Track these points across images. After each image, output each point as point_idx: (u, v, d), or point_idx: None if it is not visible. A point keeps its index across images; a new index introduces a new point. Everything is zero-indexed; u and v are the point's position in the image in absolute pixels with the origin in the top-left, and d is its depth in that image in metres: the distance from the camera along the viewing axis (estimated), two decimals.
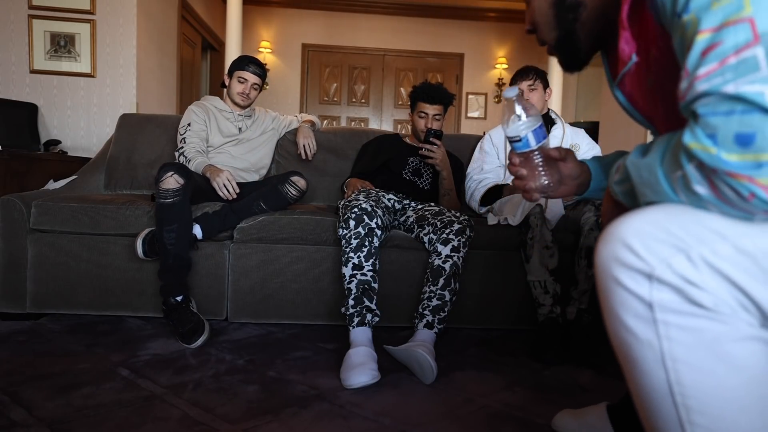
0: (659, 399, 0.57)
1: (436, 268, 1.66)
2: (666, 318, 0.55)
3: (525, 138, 0.89)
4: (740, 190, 0.50)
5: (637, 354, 0.57)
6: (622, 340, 0.59)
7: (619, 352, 0.61)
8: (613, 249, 0.58)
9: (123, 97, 3.68)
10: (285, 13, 6.27)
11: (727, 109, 0.49)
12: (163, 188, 1.70)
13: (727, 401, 0.54)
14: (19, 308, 1.87)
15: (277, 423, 1.18)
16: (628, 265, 0.57)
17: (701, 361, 0.54)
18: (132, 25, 3.65)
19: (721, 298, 0.53)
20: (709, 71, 0.51)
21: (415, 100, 2.19)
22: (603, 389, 1.46)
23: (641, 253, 0.56)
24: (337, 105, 6.44)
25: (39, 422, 1.14)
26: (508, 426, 1.21)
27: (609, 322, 0.61)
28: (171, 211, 1.71)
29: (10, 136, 3.22)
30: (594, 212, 1.81)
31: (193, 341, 1.65)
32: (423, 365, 1.44)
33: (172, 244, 1.71)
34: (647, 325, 0.56)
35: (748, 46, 0.49)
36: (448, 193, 2.15)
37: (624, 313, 0.57)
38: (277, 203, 1.99)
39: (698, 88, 0.52)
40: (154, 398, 1.28)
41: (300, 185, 2.03)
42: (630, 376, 0.60)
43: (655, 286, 0.55)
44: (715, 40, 0.51)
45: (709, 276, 0.53)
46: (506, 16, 6.32)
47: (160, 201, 1.71)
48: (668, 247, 0.55)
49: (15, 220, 1.86)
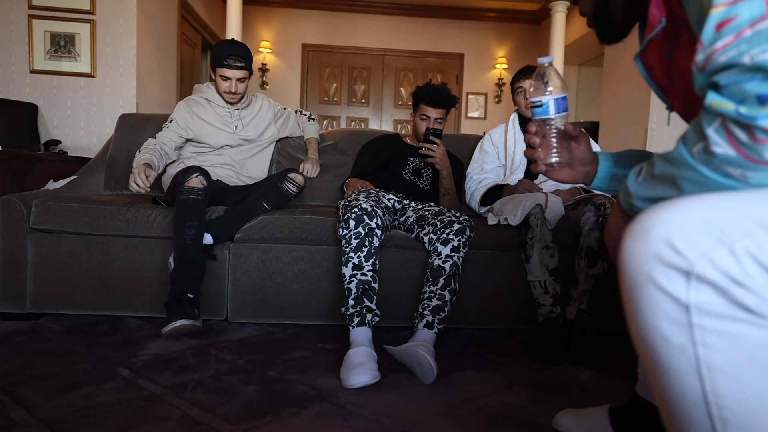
0: (692, 410, 0.52)
1: (436, 268, 1.66)
2: (703, 322, 0.50)
3: (546, 104, 0.88)
4: (757, 134, 0.52)
5: (669, 361, 0.52)
6: (651, 345, 0.54)
7: (646, 357, 0.56)
8: (646, 243, 0.53)
9: (123, 97, 3.68)
10: (285, 13, 6.27)
11: (747, 78, 0.52)
12: (188, 186, 1.75)
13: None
14: (19, 308, 1.87)
15: (277, 423, 1.18)
16: (663, 261, 0.52)
17: (741, 371, 0.49)
18: (132, 25, 3.65)
19: (767, 299, 0.48)
20: (726, 44, 0.53)
21: (418, 102, 2.19)
22: (603, 389, 1.46)
23: (680, 247, 0.51)
24: (337, 105, 6.44)
25: (39, 422, 1.14)
26: (508, 426, 1.21)
27: (635, 323, 0.56)
28: (195, 207, 1.74)
29: (10, 136, 3.22)
30: (594, 212, 1.81)
31: (170, 322, 1.59)
32: (423, 365, 1.44)
33: (191, 239, 1.72)
34: (682, 329, 0.51)
35: (763, 18, 0.51)
36: (448, 192, 2.15)
37: (655, 316, 0.52)
38: (279, 202, 1.99)
39: (718, 60, 0.54)
40: (154, 398, 1.28)
41: (298, 181, 2.03)
42: (658, 383, 0.55)
43: (693, 285, 0.50)
44: (730, 14, 0.53)
45: (755, 272, 0.49)
46: (506, 16, 6.32)
47: (184, 198, 1.73)
48: (709, 240, 0.50)
49: (15, 220, 1.86)
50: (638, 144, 4.02)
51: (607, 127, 4.56)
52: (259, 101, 2.32)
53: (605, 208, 1.80)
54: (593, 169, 0.95)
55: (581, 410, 1.16)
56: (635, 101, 4.10)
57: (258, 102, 2.31)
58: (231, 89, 2.09)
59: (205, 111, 2.17)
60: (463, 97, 6.43)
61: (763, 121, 0.51)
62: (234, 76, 2.07)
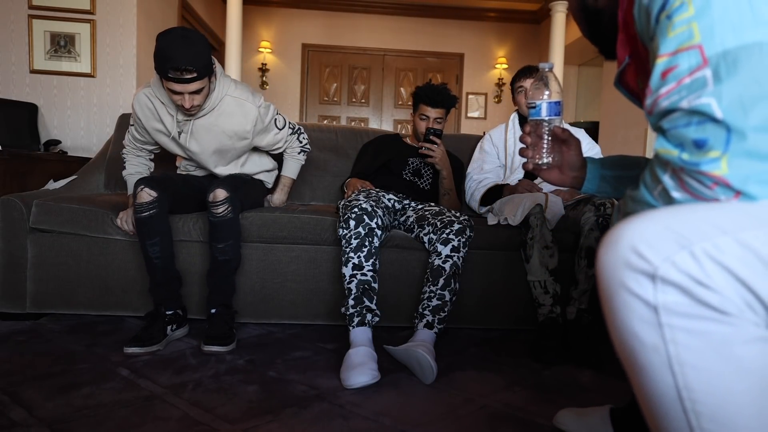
0: (668, 405, 0.56)
1: (436, 268, 1.66)
2: (671, 321, 0.54)
3: (539, 106, 0.95)
4: (704, 181, 0.59)
5: (644, 360, 0.56)
6: (627, 346, 0.58)
7: (624, 357, 0.60)
8: (616, 251, 0.57)
9: (123, 97, 3.68)
10: (285, 13, 6.27)
11: (685, 122, 0.60)
12: (137, 203, 1.66)
13: (738, 406, 0.53)
14: (19, 308, 1.87)
15: (277, 423, 1.18)
16: (631, 266, 0.56)
17: (709, 364, 0.53)
18: (132, 25, 3.65)
19: (728, 297, 0.52)
20: (669, 90, 0.61)
21: (418, 102, 2.19)
22: (603, 389, 1.46)
23: (645, 253, 0.55)
24: (337, 105, 6.44)
25: (39, 422, 1.14)
26: (508, 426, 1.21)
27: (613, 327, 0.60)
28: (150, 222, 1.66)
29: (10, 136, 3.22)
30: (594, 212, 1.81)
31: (130, 346, 1.58)
32: (423, 365, 1.44)
33: (158, 257, 1.69)
34: (652, 329, 0.54)
35: (700, 67, 0.59)
36: (448, 192, 2.15)
37: (628, 318, 0.56)
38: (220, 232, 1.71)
39: (661, 105, 0.62)
40: (154, 398, 1.28)
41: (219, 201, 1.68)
42: (636, 382, 0.59)
43: (659, 287, 0.54)
44: (672, 63, 0.61)
45: (714, 272, 0.52)
46: (506, 16, 6.32)
47: (138, 216, 1.66)
48: (671, 244, 0.54)
49: (15, 220, 1.86)
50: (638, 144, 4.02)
51: (607, 127, 4.56)
52: (233, 108, 1.76)
53: (605, 208, 1.80)
54: (582, 175, 1.02)
55: (582, 409, 1.16)
56: None
57: (230, 108, 1.76)
58: (185, 104, 1.63)
59: (152, 115, 1.78)
60: (463, 97, 6.43)
61: (706, 166, 0.58)
62: (185, 90, 1.59)
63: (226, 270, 1.75)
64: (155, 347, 1.62)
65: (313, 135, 2.51)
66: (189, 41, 1.55)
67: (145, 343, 1.61)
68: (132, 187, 1.78)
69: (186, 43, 1.54)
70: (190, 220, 1.86)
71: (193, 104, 1.64)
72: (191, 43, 1.55)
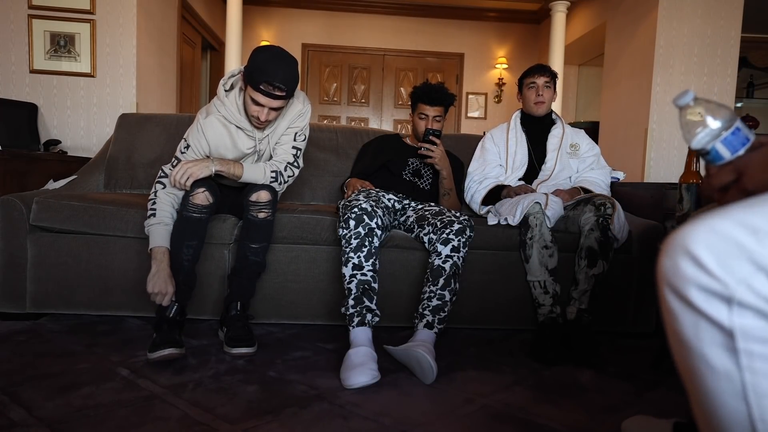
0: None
1: (436, 268, 1.66)
2: (750, 348, 0.48)
3: (713, 150, 0.70)
4: None
5: (713, 385, 0.51)
6: (693, 368, 0.52)
7: (687, 378, 0.54)
8: (682, 266, 0.51)
9: (123, 97, 3.67)
10: (285, 13, 6.26)
11: None
12: (193, 203, 1.62)
13: None
14: (19, 308, 1.87)
15: (277, 423, 1.18)
16: (701, 286, 0.50)
17: None
18: (132, 25, 3.65)
19: None
20: None
21: (416, 101, 2.19)
22: (603, 389, 1.46)
23: (716, 272, 0.49)
24: (337, 105, 6.44)
25: (39, 422, 1.14)
26: (508, 426, 1.21)
27: (677, 346, 0.54)
28: (197, 225, 1.64)
29: (10, 136, 3.22)
30: (594, 212, 1.81)
31: (155, 351, 1.49)
32: (423, 365, 1.44)
33: (188, 259, 1.65)
34: (727, 354, 0.49)
35: None
36: (448, 192, 2.15)
37: (697, 340, 0.51)
38: (257, 233, 1.71)
39: None
40: (154, 398, 1.28)
41: (263, 199, 1.70)
42: (701, 406, 0.54)
43: (736, 311, 0.48)
44: None
45: None
46: (506, 16, 6.32)
47: (188, 215, 1.63)
48: (746, 264, 0.48)
49: (15, 220, 1.86)
50: (638, 144, 4.02)
51: (607, 127, 4.56)
52: (288, 114, 1.82)
53: (605, 208, 1.80)
54: None
55: (647, 418, 1.12)
56: (635, 101, 4.10)
57: (287, 113, 1.83)
58: (260, 117, 1.66)
59: (221, 134, 1.77)
60: (463, 97, 6.42)
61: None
62: (268, 104, 1.64)
63: (255, 271, 1.75)
64: (183, 349, 1.54)
65: (313, 135, 2.51)
66: (287, 62, 1.63)
67: (177, 343, 1.52)
68: (156, 238, 1.63)
69: (285, 63, 1.62)
70: None
71: (268, 119, 1.70)
72: (289, 65, 1.63)
